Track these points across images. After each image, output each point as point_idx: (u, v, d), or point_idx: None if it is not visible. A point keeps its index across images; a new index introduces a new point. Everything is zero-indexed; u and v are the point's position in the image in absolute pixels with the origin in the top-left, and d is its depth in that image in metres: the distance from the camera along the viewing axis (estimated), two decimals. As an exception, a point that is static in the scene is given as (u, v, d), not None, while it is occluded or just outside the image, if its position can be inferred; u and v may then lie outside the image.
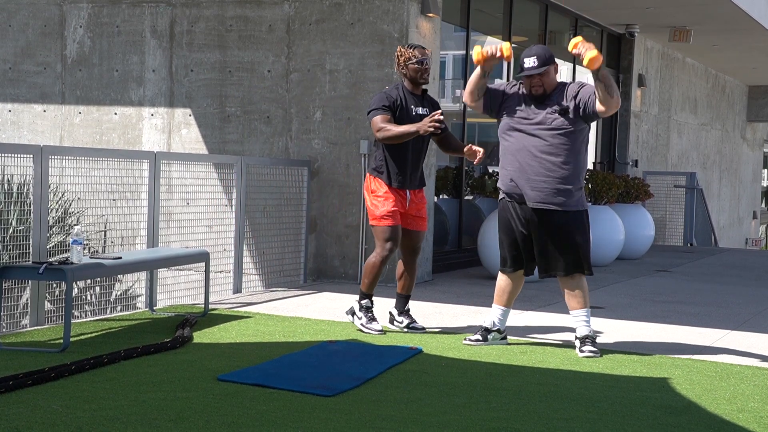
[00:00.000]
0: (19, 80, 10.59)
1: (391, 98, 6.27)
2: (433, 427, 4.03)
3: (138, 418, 3.99)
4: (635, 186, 12.56)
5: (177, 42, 9.87)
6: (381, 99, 6.28)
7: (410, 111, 6.30)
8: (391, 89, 6.37)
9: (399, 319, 6.54)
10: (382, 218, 6.27)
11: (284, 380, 4.77)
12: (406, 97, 6.33)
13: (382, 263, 6.32)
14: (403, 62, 6.33)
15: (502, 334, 6.14)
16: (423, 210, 6.49)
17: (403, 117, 6.27)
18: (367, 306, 6.38)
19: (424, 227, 6.50)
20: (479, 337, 6.09)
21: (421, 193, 6.50)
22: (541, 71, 5.86)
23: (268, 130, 9.49)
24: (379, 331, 6.28)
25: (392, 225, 6.28)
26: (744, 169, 23.55)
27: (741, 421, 4.38)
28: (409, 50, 6.34)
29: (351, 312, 6.49)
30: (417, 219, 6.45)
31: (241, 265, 8.21)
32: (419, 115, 6.31)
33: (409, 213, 6.41)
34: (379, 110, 6.23)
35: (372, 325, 6.32)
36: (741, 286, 10.00)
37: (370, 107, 6.30)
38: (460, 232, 10.92)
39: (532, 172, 5.84)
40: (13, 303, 6.35)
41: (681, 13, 13.31)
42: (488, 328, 6.10)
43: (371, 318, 6.37)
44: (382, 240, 6.29)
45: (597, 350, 5.85)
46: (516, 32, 12.02)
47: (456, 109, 11.04)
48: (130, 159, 7.59)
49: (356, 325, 6.40)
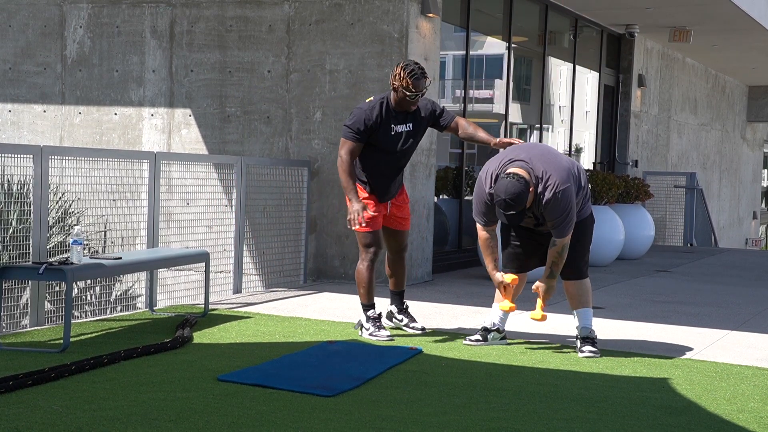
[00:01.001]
0: (19, 80, 10.59)
1: (370, 120, 6.12)
2: (433, 427, 4.03)
3: (138, 418, 3.99)
4: (635, 186, 12.56)
5: (177, 42, 9.87)
6: (359, 120, 6.12)
7: (389, 130, 6.17)
8: (374, 105, 6.17)
9: (399, 317, 6.54)
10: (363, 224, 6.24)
11: (284, 380, 4.77)
12: (387, 114, 6.18)
13: (368, 269, 6.30)
14: (398, 85, 6.11)
15: (501, 334, 6.14)
16: (406, 210, 6.49)
17: (380, 136, 6.17)
18: (373, 317, 6.35)
19: (407, 226, 6.50)
20: (479, 337, 6.10)
21: (402, 194, 6.49)
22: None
23: (268, 130, 9.49)
24: (388, 337, 6.24)
25: (373, 230, 6.27)
26: (744, 170, 23.55)
27: (741, 421, 4.38)
28: (409, 78, 6.06)
29: (359, 325, 6.43)
30: (400, 219, 6.44)
31: (241, 265, 8.21)
32: (397, 134, 6.21)
33: (393, 214, 6.41)
34: (352, 135, 6.13)
35: (380, 333, 6.29)
36: (741, 286, 10.00)
37: (348, 123, 6.17)
38: (460, 232, 10.92)
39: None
40: (13, 303, 6.35)
41: (681, 13, 13.31)
42: (488, 327, 6.12)
43: (379, 326, 6.33)
44: (363, 245, 6.29)
45: (597, 350, 5.86)
46: (516, 32, 12.02)
47: (456, 109, 11.04)
48: (130, 159, 7.59)
49: (365, 337, 6.33)
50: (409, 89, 6.09)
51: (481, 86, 12.02)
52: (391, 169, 6.30)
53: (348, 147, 6.15)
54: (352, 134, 6.15)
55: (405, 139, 6.25)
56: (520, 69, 12.86)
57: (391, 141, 6.20)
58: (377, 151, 6.21)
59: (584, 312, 5.99)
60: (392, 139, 6.20)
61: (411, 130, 6.27)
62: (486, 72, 12.21)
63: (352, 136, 6.15)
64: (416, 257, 9.15)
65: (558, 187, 5.61)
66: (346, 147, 6.16)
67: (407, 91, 6.09)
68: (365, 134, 6.14)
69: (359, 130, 6.13)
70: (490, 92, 12.27)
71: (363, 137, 6.14)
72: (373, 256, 6.28)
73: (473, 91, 11.33)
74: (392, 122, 6.20)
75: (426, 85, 6.15)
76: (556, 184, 5.62)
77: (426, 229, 9.32)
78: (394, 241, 6.46)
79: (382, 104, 6.20)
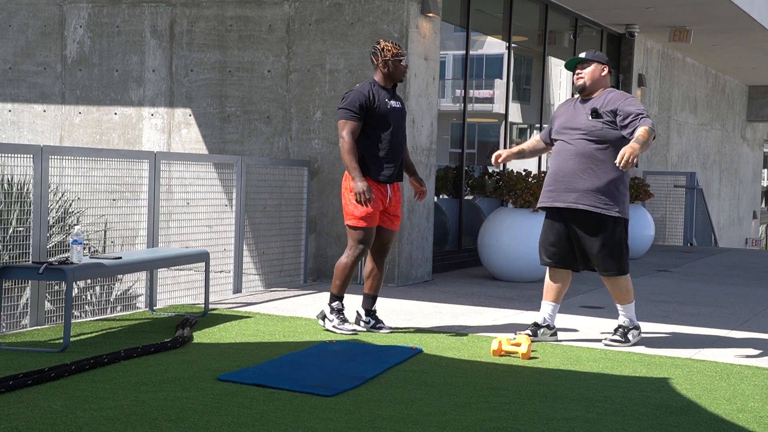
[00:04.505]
0: (19, 80, 10.59)
1: (365, 96, 6.20)
2: (433, 427, 4.03)
3: (138, 418, 3.99)
4: (635, 186, 12.56)
5: (177, 42, 9.87)
6: (355, 99, 6.20)
7: (386, 104, 6.27)
8: (365, 85, 6.30)
9: (366, 319, 6.50)
10: (360, 219, 6.24)
11: (284, 380, 4.77)
12: (379, 92, 6.28)
13: (353, 263, 6.31)
14: (390, 57, 6.28)
15: (552, 330, 6.27)
16: (398, 209, 6.49)
17: (380, 110, 6.23)
18: (338, 308, 6.37)
19: (396, 226, 6.49)
20: (529, 332, 6.22)
21: (399, 190, 6.49)
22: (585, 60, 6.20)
23: (268, 130, 9.49)
24: (351, 331, 6.27)
25: (369, 227, 6.28)
26: (744, 169, 23.55)
27: (741, 421, 4.38)
28: (395, 47, 6.32)
29: (322, 316, 6.45)
30: (392, 217, 6.43)
31: (241, 265, 8.21)
32: (393, 108, 6.29)
33: (388, 210, 6.39)
34: (351, 115, 6.18)
35: (344, 326, 6.31)
36: (741, 286, 10.00)
37: (344, 105, 6.22)
38: (460, 232, 10.92)
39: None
40: (13, 303, 6.35)
41: (681, 13, 13.31)
42: (539, 323, 6.26)
43: (343, 319, 6.35)
44: (356, 241, 6.28)
45: (623, 340, 6.14)
46: (516, 32, 12.02)
47: (456, 109, 11.04)
48: (130, 159, 7.58)
49: (327, 328, 6.35)
50: (401, 54, 6.29)
51: (481, 86, 12.02)
52: (392, 146, 6.30)
53: (349, 127, 6.18)
54: (351, 114, 6.18)
55: (400, 115, 6.36)
56: (520, 69, 12.86)
57: (389, 115, 6.26)
58: (375, 129, 6.23)
59: (620, 307, 6.24)
60: (390, 113, 6.27)
61: (401, 107, 6.39)
62: (486, 72, 12.21)
63: (351, 115, 6.18)
64: (416, 257, 9.15)
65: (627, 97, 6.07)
66: (347, 128, 6.18)
67: (402, 57, 6.29)
68: (363, 112, 6.19)
69: (357, 107, 6.18)
70: (490, 92, 12.27)
71: (361, 116, 6.19)
72: (361, 253, 6.29)
73: (473, 91, 11.33)
74: (385, 98, 6.29)
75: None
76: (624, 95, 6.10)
77: (426, 229, 9.32)
78: (381, 239, 6.42)
79: (371, 84, 6.32)
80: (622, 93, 6.14)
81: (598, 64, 6.14)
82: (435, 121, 9.41)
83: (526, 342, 5.70)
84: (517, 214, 9.64)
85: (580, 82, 6.14)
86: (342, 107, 6.22)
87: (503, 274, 9.63)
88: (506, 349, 5.73)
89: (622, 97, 6.06)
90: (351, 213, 6.27)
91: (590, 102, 6.10)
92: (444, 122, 10.51)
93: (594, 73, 6.13)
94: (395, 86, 6.45)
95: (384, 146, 6.26)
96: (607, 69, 6.18)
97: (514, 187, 9.60)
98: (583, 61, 6.16)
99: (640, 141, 5.71)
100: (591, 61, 6.14)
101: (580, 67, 6.16)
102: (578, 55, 6.24)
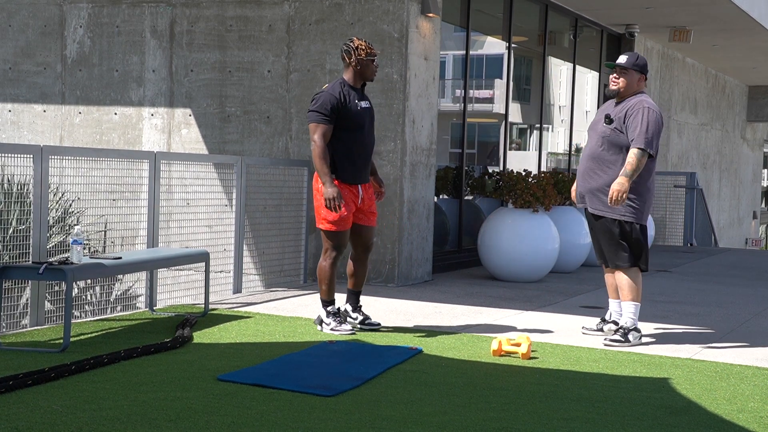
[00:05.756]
0: (19, 80, 10.59)
1: (335, 99, 6.15)
2: (433, 427, 4.03)
3: (138, 418, 3.99)
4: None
5: (177, 42, 9.87)
6: (325, 101, 6.15)
7: (356, 105, 6.24)
8: (334, 86, 6.25)
9: (353, 315, 6.52)
10: (331, 223, 6.23)
11: (284, 380, 4.77)
12: (349, 93, 6.24)
13: (332, 266, 6.33)
14: (364, 56, 6.24)
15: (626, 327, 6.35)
16: (374, 205, 6.48)
17: (350, 112, 6.20)
18: (333, 312, 6.38)
19: (374, 222, 6.49)
20: (595, 327, 6.51)
21: (371, 188, 6.48)
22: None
23: (268, 130, 9.49)
24: (350, 331, 6.29)
25: (342, 231, 6.27)
26: (744, 169, 23.55)
27: (741, 421, 4.38)
28: (369, 47, 6.28)
29: (319, 321, 6.45)
30: (369, 214, 6.43)
31: (241, 265, 8.21)
32: (363, 109, 6.27)
33: (362, 209, 6.38)
34: (321, 118, 6.13)
35: (342, 327, 6.32)
36: (741, 286, 10.00)
37: (314, 108, 6.16)
38: (460, 232, 10.92)
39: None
40: (13, 303, 6.35)
41: (681, 13, 13.31)
42: (605, 319, 6.53)
43: (340, 321, 6.36)
44: (330, 245, 6.28)
45: (623, 340, 6.17)
46: (516, 32, 12.02)
47: (456, 109, 11.04)
48: (130, 159, 7.58)
49: (325, 332, 6.34)
50: (372, 53, 6.27)
51: (481, 86, 12.02)
52: (363, 147, 6.29)
53: (321, 130, 6.14)
54: (321, 117, 6.14)
55: (370, 115, 6.34)
56: (520, 69, 12.85)
57: (360, 116, 6.24)
58: (346, 131, 6.20)
59: (623, 305, 6.30)
60: (360, 114, 6.25)
61: (370, 107, 6.37)
62: (486, 72, 12.20)
63: (321, 118, 6.14)
64: (416, 257, 9.15)
65: (651, 107, 6.07)
66: (319, 131, 6.14)
67: (371, 55, 6.26)
68: (334, 114, 6.15)
69: (329, 110, 6.14)
70: (490, 92, 12.26)
71: (332, 118, 6.15)
72: (338, 255, 6.32)
73: (473, 91, 11.33)
74: (355, 99, 6.26)
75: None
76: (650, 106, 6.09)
77: (426, 229, 9.32)
78: (360, 238, 6.42)
79: (342, 84, 6.27)
80: (639, 102, 6.13)
81: (636, 73, 6.19)
82: (435, 121, 9.41)
83: (526, 342, 5.71)
84: (517, 215, 9.64)
85: (614, 88, 6.20)
86: (312, 110, 6.17)
87: (503, 275, 9.63)
88: (506, 349, 5.73)
89: (637, 108, 6.09)
90: (324, 217, 6.25)
91: (619, 106, 6.19)
92: (444, 122, 10.51)
93: (630, 81, 6.19)
94: (364, 85, 6.42)
95: (354, 148, 6.25)
96: (644, 77, 6.23)
97: (514, 187, 9.60)
98: (623, 68, 6.17)
99: (628, 173, 5.95)
100: (630, 69, 6.17)
101: (619, 72, 6.19)
102: (619, 60, 6.22)
